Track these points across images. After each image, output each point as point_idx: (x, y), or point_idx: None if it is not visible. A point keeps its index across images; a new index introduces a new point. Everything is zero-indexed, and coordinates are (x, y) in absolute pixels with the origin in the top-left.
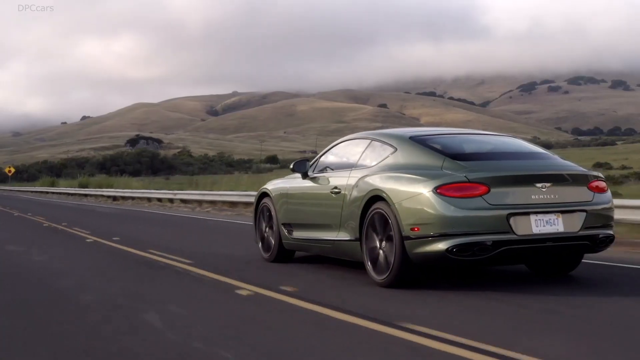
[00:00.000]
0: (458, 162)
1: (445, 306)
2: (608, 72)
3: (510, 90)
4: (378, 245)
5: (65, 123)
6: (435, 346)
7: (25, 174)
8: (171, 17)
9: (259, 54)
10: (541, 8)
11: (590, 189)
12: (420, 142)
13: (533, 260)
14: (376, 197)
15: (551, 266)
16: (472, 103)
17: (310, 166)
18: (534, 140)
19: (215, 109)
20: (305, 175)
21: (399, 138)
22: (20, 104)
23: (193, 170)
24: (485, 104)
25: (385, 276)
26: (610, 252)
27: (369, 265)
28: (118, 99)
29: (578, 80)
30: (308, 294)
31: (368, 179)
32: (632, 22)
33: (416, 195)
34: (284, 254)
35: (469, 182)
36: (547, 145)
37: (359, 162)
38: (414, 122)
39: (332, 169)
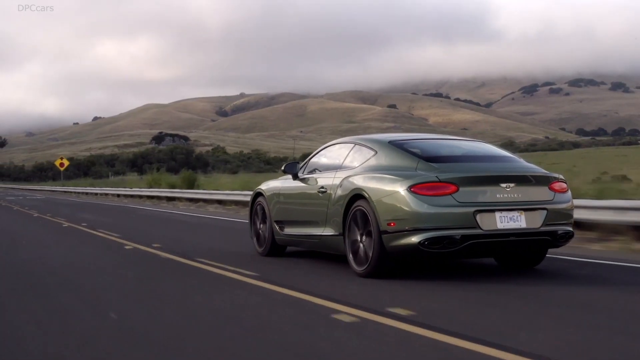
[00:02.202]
0: (431, 164)
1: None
2: (612, 74)
3: (512, 92)
4: (359, 239)
5: (77, 124)
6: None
7: (50, 172)
8: (184, 20)
9: (268, 56)
10: (550, 12)
11: (552, 189)
12: (398, 146)
13: (499, 253)
14: (358, 196)
15: (518, 260)
16: (477, 104)
17: (300, 168)
18: (551, 141)
19: (225, 109)
20: (295, 177)
21: (379, 142)
22: (34, 105)
23: (232, 168)
24: (487, 106)
25: (365, 267)
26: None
27: (350, 257)
28: (130, 99)
29: (578, 82)
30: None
31: (351, 179)
32: (636, 24)
33: (393, 193)
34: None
35: (440, 182)
36: (575, 145)
37: (343, 164)
38: (423, 122)
39: (320, 171)
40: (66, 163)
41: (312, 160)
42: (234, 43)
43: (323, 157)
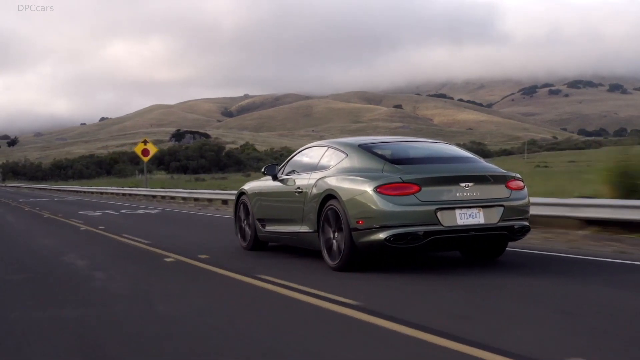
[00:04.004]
0: (396, 166)
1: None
2: (612, 76)
3: (512, 94)
4: (332, 235)
5: (84, 124)
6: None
7: (70, 170)
8: (192, 23)
9: (274, 58)
10: (555, 16)
11: (508, 187)
12: (367, 149)
13: (460, 247)
14: (330, 196)
15: (480, 253)
16: (480, 105)
17: (279, 169)
18: (568, 140)
19: (230, 110)
20: (275, 178)
21: (350, 146)
22: (44, 106)
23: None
24: (488, 106)
25: (337, 261)
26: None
27: (324, 252)
28: (138, 100)
29: (577, 84)
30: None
31: (324, 180)
32: (637, 27)
33: (361, 193)
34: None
35: (403, 182)
36: (599, 144)
37: (318, 166)
38: (428, 122)
39: (298, 172)
40: (152, 150)
41: (290, 162)
42: (240, 45)
43: (300, 159)
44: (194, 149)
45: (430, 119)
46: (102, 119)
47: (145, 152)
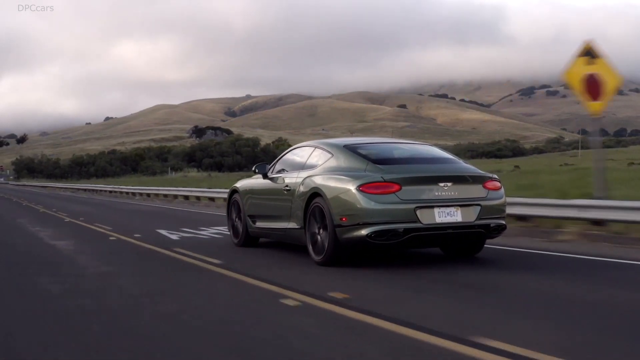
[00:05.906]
0: (378, 165)
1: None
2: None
3: (510, 94)
4: (317, 232)
5: (89, 124)
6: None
7: (91, 167)
8: (197, 24)
9: (278, 59)
10: (554, 18)
11: (485, 187)
12: (351, 149)
13: (439, 244)
14: (316, 194)
15: (460, 250)
16: (482, 105)
17: (269, 168)
18: (581, 139)
19: (233, 110)
20: (265, 176)
21: (335, 146)
22: (51, 106)
23: None
24: (487, 107)
25: (322, 257)
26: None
27: (310, 248)
28: (145, 100)
29: None
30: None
31: (310, 179)
32: (637, 29)
33: (345, 192)
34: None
35: (385, 181)
36: (625, 142)
37: (305, 165)
38: (432, 121)
39: (287, 171)
40: (612, 80)
41: (280, 161)
42: (244, 46)
43: (289, 159)
44: (227, 145)
45: (433, 119)
46: (107, 118)
47: (592, 85)
